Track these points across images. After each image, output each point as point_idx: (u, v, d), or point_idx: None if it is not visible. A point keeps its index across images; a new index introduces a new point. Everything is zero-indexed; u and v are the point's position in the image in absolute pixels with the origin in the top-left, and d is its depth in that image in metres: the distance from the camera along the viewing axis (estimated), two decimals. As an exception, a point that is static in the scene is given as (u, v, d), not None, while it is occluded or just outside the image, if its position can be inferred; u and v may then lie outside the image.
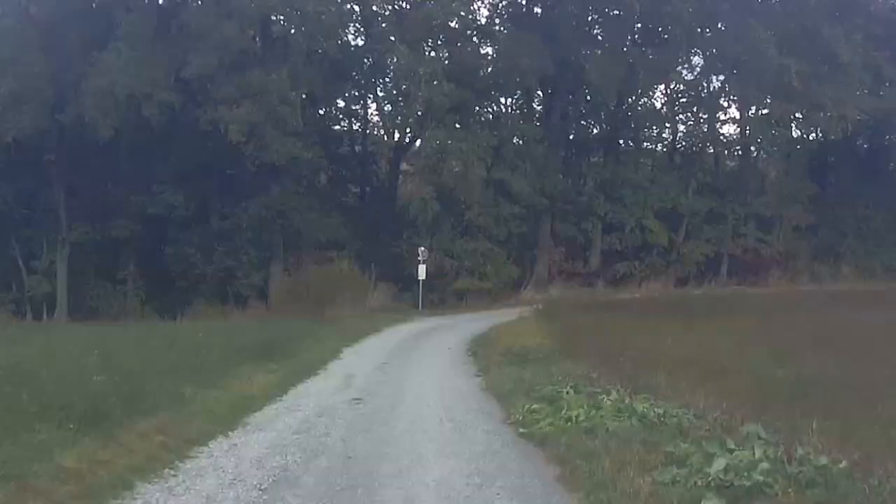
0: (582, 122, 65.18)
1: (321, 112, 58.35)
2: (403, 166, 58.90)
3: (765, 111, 61.85)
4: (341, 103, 59.66)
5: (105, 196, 51.36)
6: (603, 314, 37.57)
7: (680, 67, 62.50)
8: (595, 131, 65.60)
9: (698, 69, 63.32)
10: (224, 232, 50.32)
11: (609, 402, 16.87)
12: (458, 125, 52.24)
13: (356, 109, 60.03)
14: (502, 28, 58.89)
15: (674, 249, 60.62)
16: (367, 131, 60.81)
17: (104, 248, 51.70)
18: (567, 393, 18.33)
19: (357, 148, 60.56)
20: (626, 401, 16.92)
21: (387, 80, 56.23)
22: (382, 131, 60.50)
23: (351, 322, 39.32)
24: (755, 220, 63.63)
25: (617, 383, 18.93)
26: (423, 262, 48.84)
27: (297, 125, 47.19)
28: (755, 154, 68.25)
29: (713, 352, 24.65)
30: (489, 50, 57.56)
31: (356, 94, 58.44)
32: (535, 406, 17.50)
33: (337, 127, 60.74)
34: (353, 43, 55.36)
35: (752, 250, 62.56)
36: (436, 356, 29.40)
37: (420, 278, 48.70)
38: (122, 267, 52.08)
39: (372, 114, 60.49)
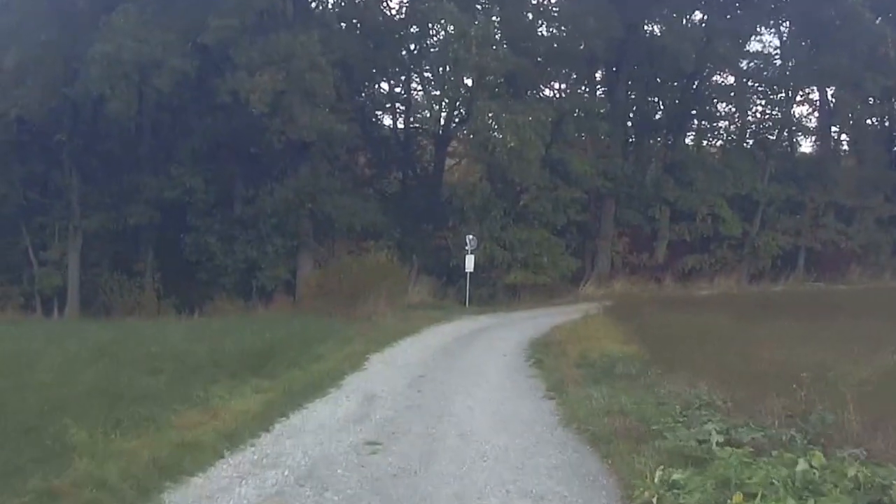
0: (649, 97, 57.50)
1: (361, 95, 51.33)
2: (451, 146, 52.48)
3: (853, 87, 53.26)
4: (384, 86, 52.98)
5: (121, 180, 45.49)
6: (688, 313, 29.59)
7: (761, 34, 55.23)
8: (663, 108, 58.17)
9: (785, 36, 55.57)
10: (247, 219, 44.28)
11: (829, 480, 8.95)
12: (512, 97, 45.09)
13: (398, 91, 52.79)
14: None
15: (747, 241, 53.78)
16: (411, 109, 53.31)
17: (119, 237, 46.35)
18: (717, 443, 10.63)
19: (399, 128, 53.47)
20: (852, 473, 8.95)
21: (433, 47, 49.12)
22: (427, 111, 52.91)
23: (386, 320, 32.66)
24: (834, 209, 56.31)
25: (780, 423, 11.89)
26: (472, 253, 42.18)
27: (329, 95, 40.73)
28: (836, 136, 60.82)
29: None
30: (544, 28, 50.44)
31: (397, 69, 51.30)
32: (675, 475, 9.74)
33: (378, 110, 53.68)
34: (394, 14, 49.06)
35: (831, 243, 55.44)
36: (488, 366, 22.00)
37: (468, 270, 42.11)
38: (138, 258, 46.49)
39: (416, 89, 53.37)
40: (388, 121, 53.70)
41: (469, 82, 45.01)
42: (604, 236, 51.49)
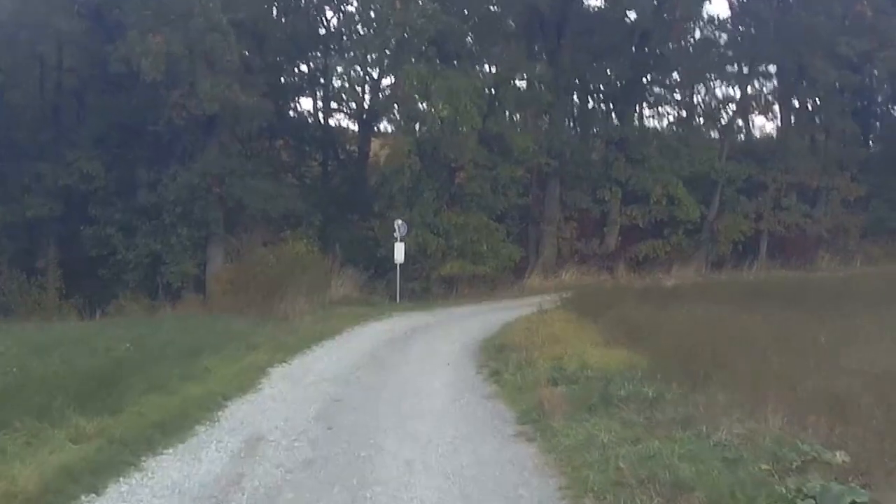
0: (596, 64, 50.70)
1: (280, 78, 45.67)
2: (377, 125, 47.12)
3: (825, 52, 47.66)
4: (304, 68, 47.35)
5: (21, 170, 40.55)
6: (668, 306, 23.83)
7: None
8: (611, 78, 51.82)
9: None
10: (150, 207, 38.86)
11: None
12: (441, 61, 40.00)
13: (316, 70, 47.25)
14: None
15: (705, 226, 48.63)
16: (330, 80, 47.67)
17: (18, 232, 41.63)
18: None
19: (319, 106, 48.32)
20: None
21: (350, 8, 44.21)
22: (347, 81, 47.52)
23: (303, 320, 26.95)
24: (798, 191, 51.15)
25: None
26: (402, 241, 36.94)
27: (232, 61, 35.26)
28: (798, 110, 55.01)
29: None
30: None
31: (314, 40, 45.78)
32: None
33: (297, 93, 48.09)
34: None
35: (796, 227, 50.20)
36: (430, 383, 16.01)
37: (397, 261, 36.76)
38: (39, 255, 42.22)
39: (336, 60, 47.08)
40: (308, 104, 50.20)
41: (392, 42, 40.28)
42: (549, 221, 45.83)
